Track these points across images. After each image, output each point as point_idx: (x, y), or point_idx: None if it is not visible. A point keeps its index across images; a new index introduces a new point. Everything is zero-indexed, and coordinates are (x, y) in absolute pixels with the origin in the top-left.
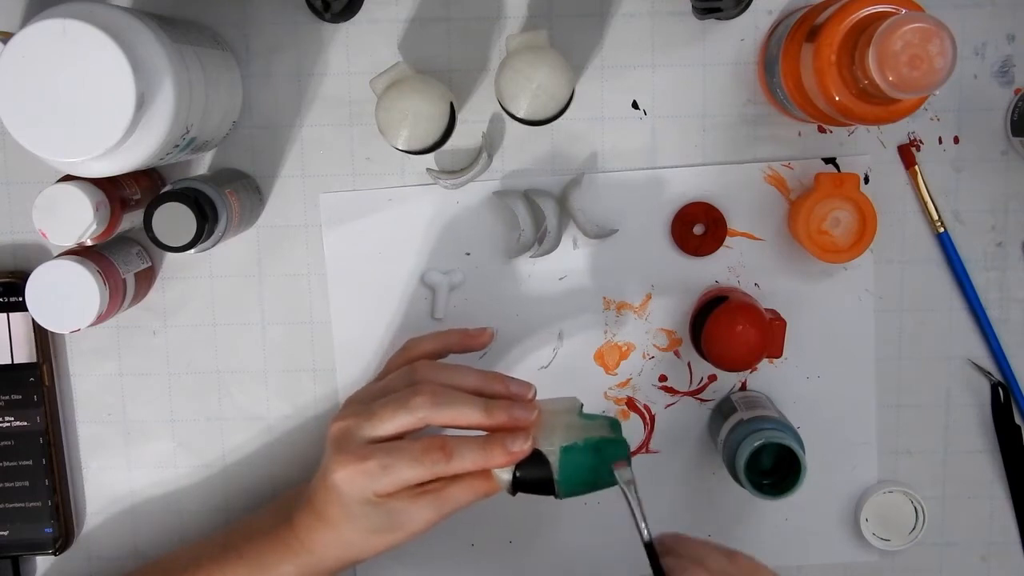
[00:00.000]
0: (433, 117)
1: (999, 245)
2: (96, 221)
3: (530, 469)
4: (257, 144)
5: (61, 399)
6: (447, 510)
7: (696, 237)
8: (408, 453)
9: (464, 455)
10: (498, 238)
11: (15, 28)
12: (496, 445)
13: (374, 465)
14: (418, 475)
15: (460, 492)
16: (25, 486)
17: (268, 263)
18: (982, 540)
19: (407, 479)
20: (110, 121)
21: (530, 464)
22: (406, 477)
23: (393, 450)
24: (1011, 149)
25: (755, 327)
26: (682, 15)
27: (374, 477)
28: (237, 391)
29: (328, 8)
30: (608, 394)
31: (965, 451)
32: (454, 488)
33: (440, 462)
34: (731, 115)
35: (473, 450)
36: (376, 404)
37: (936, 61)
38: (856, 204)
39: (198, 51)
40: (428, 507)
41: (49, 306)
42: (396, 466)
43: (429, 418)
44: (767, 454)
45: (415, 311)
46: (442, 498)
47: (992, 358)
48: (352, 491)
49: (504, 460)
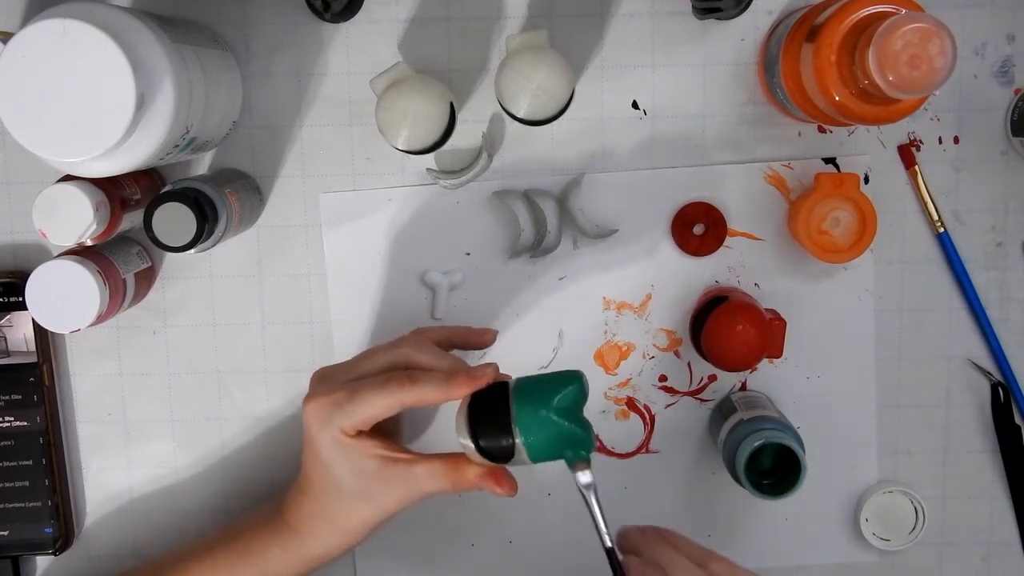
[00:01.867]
0: (433, 117)
1: (999, 245)
2: (96, 221)
3: (492, 435)
4: (257, 144)
5: (61, 399)
6: (415, 487)
7: (696, 237)
8: (373, 381)
9: (428, 382)
10: (498, 238)
11: (15, 28)
12: (460, 373)
13: (341, 395)
14: (384, 403)
15: (426, 472)
16: (25, 486)
17: (268, 263)
18: (982, 540)
19: (373, 409)
20: (110, 121)
21: (492, 430)
22: (372, 405)
23: (360, 382)
24: (1011, 149)
25: (755, 327)
26: (682, 15)
27: (340, 406)
28: (237, 391)
29: (328, 8)
30: (608, 394)
31: (965, 451)
32: (422, 466)
33: (405, 386)
34: (731, 115)
35: (437, 378)
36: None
37: (936, 61)
38: (856, 204)
39: (198, 51)
40: (398, 480)
41: (49, 306)
42: (361, 391)
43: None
44: (767, 454)
45: (415, 311)
46: (411, 473)
47: (992, 358)
48: (320, 426)
49: (466, 387)
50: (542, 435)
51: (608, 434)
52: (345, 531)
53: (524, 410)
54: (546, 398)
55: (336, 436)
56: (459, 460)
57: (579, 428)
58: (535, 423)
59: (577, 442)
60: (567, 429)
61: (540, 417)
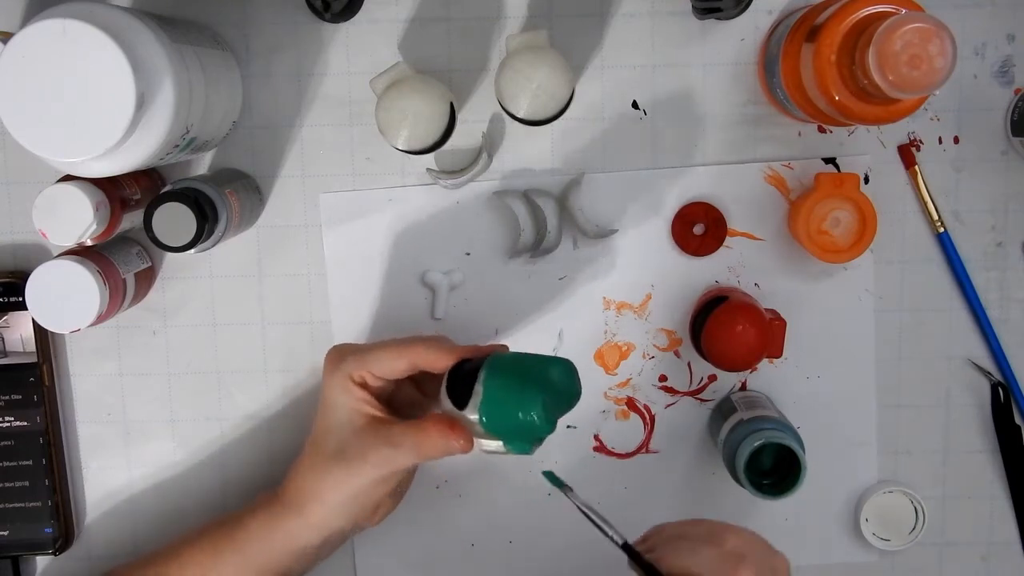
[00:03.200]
0: (433, 117)
1: (999, 245)
2: (96, 221)
3: (459, 385)
4: (257, 144)
5: (61, 399)
6: (387, 453)
7: (696, 237)
8: (390, 340)
9: (438, 347)
10: (498, 238)
11: (15, 28)
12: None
13: (359, 345)
14: (394, 355)
15: (400, 430)
16: (25, 486)
17: (268, 263)
18: (982, 540)
19: (384, 361)
20: (110, 121)
21: (460, 380)
22: (383, 357)
23: (378, 341)
24: (1011, 149)
25: (755, 327)
26: (682, 15)
27: (355, 353)
28: (237, 391)
29: (328, 8)
30: (608, 394)
31: (965, 451)
32: (398, 426)
33: (417, 346)
34: (731, 115)
35: (446, 344)
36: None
37: (936, 61)
38: (856, 204)
39: (198, 51)
40: (374, 439)
41: (49, 306)
42: (376, 345)
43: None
44: (767, 454)
45: (415, 311)
46: (387, 432)
47: (992, 358)
48: (333, 366)
49: (470, 353)
50: (498, 396)
51: (608, 434)
52: (319, 499)
53: (494, 372)
54: (521, 371)
55: (343, 380)
56: (425, 422)
57: (537, 405)
58: (497, 386)
59: (528, 406)
60: (526, 397)
61: (506, 384)
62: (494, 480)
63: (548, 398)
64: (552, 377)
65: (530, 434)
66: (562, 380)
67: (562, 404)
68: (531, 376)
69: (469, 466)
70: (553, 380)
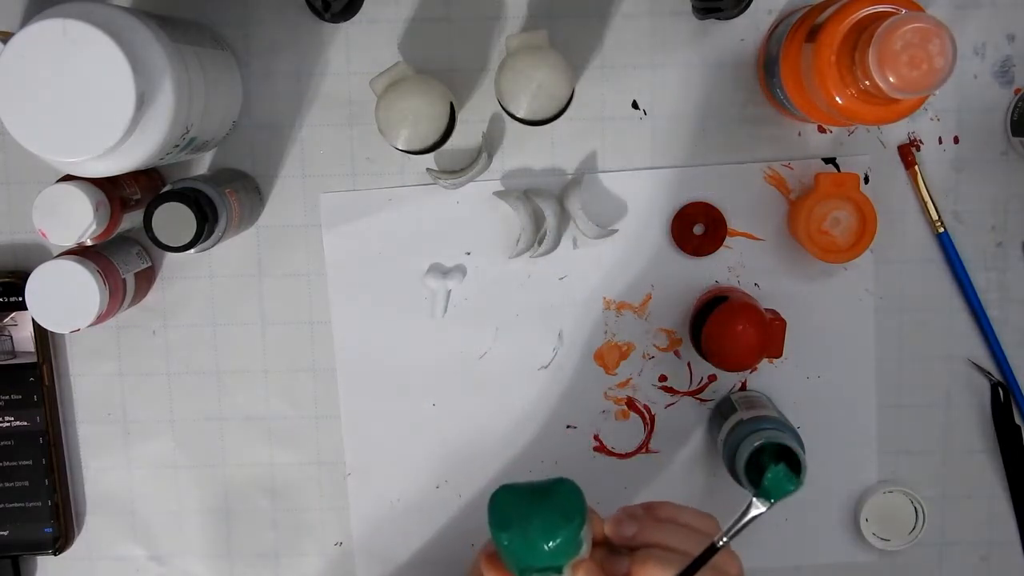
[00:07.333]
0: (433, 117)
1: (999, 245)
2: (96, 221)
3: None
4: (257, 144)
5: (61, 399)
6: None
7: (696, 237)
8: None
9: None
10: (498, 238)
11: (15, 28)
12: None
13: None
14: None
15: None
16: (25, 486)
17: (268, 263)
18: (982, 540)
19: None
20: (110, 121)
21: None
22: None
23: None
24: (1011, 149)
25: (755, 327)
26: (682, 15)
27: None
28: (237, 391)
29: (328, 8)
30: (608, 394)
31: (965, 451)
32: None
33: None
34: (731, 115)
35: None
36: None
37: (936, 61)
38: (856, 204)
39: (198, 51)
40: None
41: (49, 306)
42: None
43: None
44: (767, 454)
45: (415, 311)
46: None
47: (992, 358)
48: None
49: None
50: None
51: (608, 434)
52: None
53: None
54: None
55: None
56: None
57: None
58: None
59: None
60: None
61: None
62: (494, 480)
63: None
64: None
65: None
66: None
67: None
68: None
69: (469, 466)
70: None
